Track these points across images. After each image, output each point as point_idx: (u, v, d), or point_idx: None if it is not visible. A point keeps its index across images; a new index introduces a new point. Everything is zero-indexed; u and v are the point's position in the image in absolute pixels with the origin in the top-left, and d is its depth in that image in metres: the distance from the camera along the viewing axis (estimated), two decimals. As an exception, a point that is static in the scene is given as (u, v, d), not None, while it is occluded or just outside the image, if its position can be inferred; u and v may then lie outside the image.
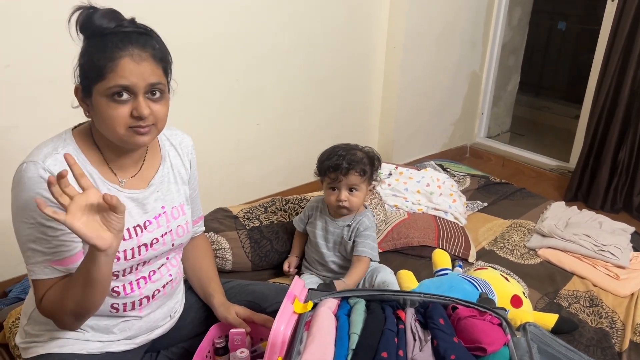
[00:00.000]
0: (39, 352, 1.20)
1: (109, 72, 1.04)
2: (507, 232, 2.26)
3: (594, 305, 1.80)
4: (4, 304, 2.03)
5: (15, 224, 1.08)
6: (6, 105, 2.00)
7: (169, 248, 1.27)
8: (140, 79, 1.05)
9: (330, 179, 1.66)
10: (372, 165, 1.68)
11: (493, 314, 1.15)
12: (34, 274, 1.08)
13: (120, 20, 1.07)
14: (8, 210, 2.11)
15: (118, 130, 1.07)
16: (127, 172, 1.20)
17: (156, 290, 1.27)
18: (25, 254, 1.09)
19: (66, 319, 1.09)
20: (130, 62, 1.04)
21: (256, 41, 2.67)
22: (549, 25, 5.05)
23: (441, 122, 3.83)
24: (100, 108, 1.06)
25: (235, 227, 1.90)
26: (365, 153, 1.69)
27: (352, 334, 1.09)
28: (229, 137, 2.77)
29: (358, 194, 1.66)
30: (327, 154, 1.70)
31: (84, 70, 1.08)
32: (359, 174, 1.63)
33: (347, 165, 1.62)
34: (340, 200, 1.65)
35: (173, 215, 1.27)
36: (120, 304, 1.21)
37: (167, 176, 1.28)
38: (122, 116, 1.06)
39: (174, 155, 1.31)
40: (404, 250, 2.02)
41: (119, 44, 1.05)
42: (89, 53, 1.07)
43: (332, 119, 3.23)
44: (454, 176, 2.74)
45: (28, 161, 1.07)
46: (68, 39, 2.02)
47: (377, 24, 3.23)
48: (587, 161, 3.21)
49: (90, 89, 1.07)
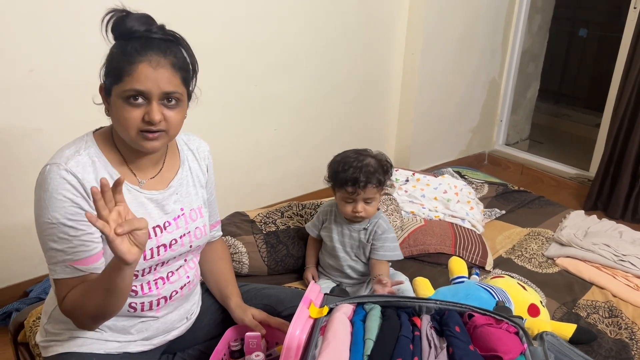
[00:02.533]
0: (59, 350, 1.22)
1: (126, 75, 1.06)
2: (525, 240, 2.23)
3: (613, 315, 1.77)
4: (25, 304, 2.07)
5: (37, 225, 1.11)
6: (30, 109, 2.04)
7: (187, 249, 1.29)
8: (155, 86, 1.07)
9: (347, 193, 1.63)
10: (386, 173, 1.66)
11: (510, 323, 1.14)
12: (55, 274, 1.11)
13: (150, 25, 1.10)
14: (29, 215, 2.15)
15: (130, 132, 1.09)
16: (147, 174, 1.22)
17: (174, 291, 1.28)
18: (47, 253, 1.11)
19: (85, 320, 1.12)
20: (147, 67, 1.06)
21: (274, 47, 2.69)
22: (569, 32, 5.00)
23: (459, 129, 3.81)
24: (116, 109, 1.09)
25: (252, 231, 1.91)
26: (378, 161, 1.66)
27: (367, 340, 1.09)
28: (247, 141, 2.79)
29: (374, 203, 1.66)
30: (340, 164, 1.65)
31: (107, 70, 1.12)
32: (375, 186, 1.62)
33: (364, 179, 1.59)
34: (356, 212, 1.64)
35: (191, 217, 1.29)
36: (138, 304, 1.23)
37: (185, 179, 1.30)
38: (134, 119, 1.08)
39: (192, 159, 1.34)
40: (420, 257, 2.01)
41: (139, 49, 1.07)
42: (113, 54, 1.11)
43: (349, 125, 3.23)
44: (472, 183, 2.72)
45: (51, 163, 1.10)
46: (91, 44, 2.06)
47: (396, 30, 3.23)
48: (608, 170, 3.17)
49: (110, 89, 1.10)
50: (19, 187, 2.07)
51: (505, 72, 3.92)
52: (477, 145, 4.02)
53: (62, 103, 2.10)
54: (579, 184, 3.53)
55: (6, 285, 2.20)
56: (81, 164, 1.11)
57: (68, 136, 1.17)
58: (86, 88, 2.10)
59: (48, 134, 2.08)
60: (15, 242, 2.14)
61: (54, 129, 2.08)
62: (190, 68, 1.16)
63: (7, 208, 2.10)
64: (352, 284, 1.75)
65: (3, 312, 2.11)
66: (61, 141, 1.22)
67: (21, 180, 2.05)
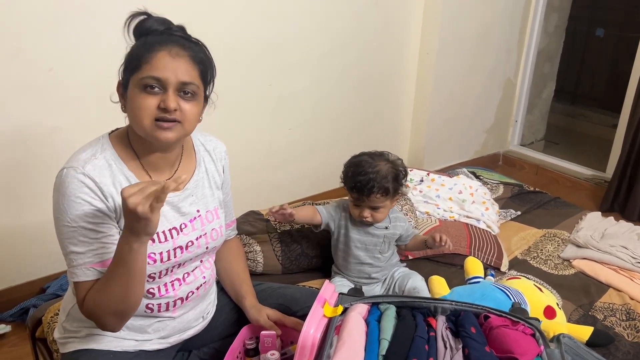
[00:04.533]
0: (76, 347, 1.24)
1: (144, 62, 1.08)
2: (541, 241, 2.22)
3: (630, 318, 1.75)
4: (42, 300, 2.10)
5: (57, 228, 1.11)
6: (50, 108, 2.07)
7: (203, 251, 1.29)
8: (173, 75, 1.08)
9: (353, 198, 1.63)
10: (396, 181, 1.60)
11: (526, 324, 1.13)
12: (75, 277, 1.10)
13: (170, 25, 1.13)
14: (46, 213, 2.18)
15: (144, 121, 1.09)
16: (163, 175, 1.22)
17: (190, 292, 1.29)
18: (67, 257, 1.11)
19: (108, 319, 1.11)
20: (166, 55, 1.08)
21: (289, 46, 2.70)
22: (586, 32, 4.95)
23: (474, 129, 3.79)
24: (132, 98, 1.09)
25: (266, 230, 1.92)
26: (391, 167, 1.60)
27: (382, 340, 1.09)
28: (261, 141, 2.80)
29: (382, 210, 1.62)
30: (352, 168, 1.62)
31: (125, 64, 1.13)
32: (381, 194, 1.57)
33: (369, 188, 1.55)
34: (362, 217, 1.62)
35: (207, 218, 1.30)
36: (155, 305, 1.24)
37: (201, 181, 1.30)
38: (149, 107, 1.08)
39: (209, 160, 1.34)
40: (435, 257, 2.00)
41: (160, 40, 1.10)
42: (132, 48, 1.12)
43: (363, 124, 3.23)
44: (487, 184, 2.70)
45: (68, 167, 1.10)
46: (108, 44, 2.08)
47: (410, 30, 3.23)
48: (625, 171, 3.13)
49: (128, 82, 1.11)
50: (37, 184, 2.10)
51: (521, 72, 3.89)
52: (492, 145, 4.00)
53: (81, 102, 2.12)
54: (595, 185, 3.50)
55: (24, 281, 2.23)
56: (98, 167, 1.11)
57: (86, 134, 1.19)
58: (104, 87, 2.13)
59: (67, 132, 2.11)
60: (33, 239, 2.17)
61: (72, 128, 2.11)
62: (207, 64, 1.17)
63: (25, 205, 2.13)
64: (369, 282, 1.75)
65: (21, 308, 2.14)
66: (79, 139, 1.24)
67: (40, 178, 2.08)
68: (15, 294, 2.20)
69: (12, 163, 2.07)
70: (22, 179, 2.10)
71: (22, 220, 2.14)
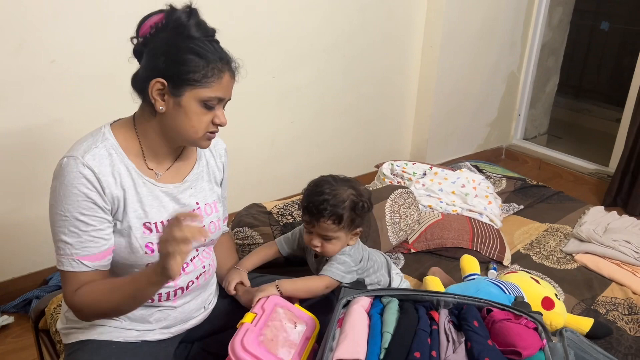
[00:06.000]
0: (79, 337, 1.25)
1: (215, 82, 1.12)
2: (544, 236, 2.21)
3: (633, 313, 1.75)
4: (45, 292, 2.10)
5: (50, 215, 1.13)
6: (51, 99, 2.07)
7: (200, 243, 1.30)
8: (228, 94, 1.18)
9: (304, 221, 1.41)
10: (354, 211, 1.37)
11: (529, 318, 1.13)
12: (62, 265, 1.13)
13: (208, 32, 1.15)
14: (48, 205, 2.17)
15: (198, 133, 1.16)
16: (163, 165, 1.23)
17: (190, 281, 1.30)
18: (56, 244, 1.13)
19: (91, 317, 1.17)
20: (230, 77, 1.16)
21: (293, 39, 2.69)
22: (591, 26, 4.91)
23: (477, 123, 3.78)
24: (190, 110, 1.13)
25: (269, 222, 1.91)
26: (354, 194, 1.38)
27: (384, 333, 1.09)
28: (264, 133, 2.80)
29: (335, 242, 1.39)
30: (312, 186, 1.41)
31: (180, 70, 1.10)
32: (332, 221, 1.35)
33: (320, 209, 1.34)
34: (311, 245, 1.41)
35: (206, 211, 1.31)
36: (156, 294, 1.24)
37: (201, 174, 1.31)
38: (207, 122, 1.16)
39: (209, 155, 1.36)
40: (437, 251, 2.00)
41: (223, 58, 1.14)
42: (187, 54, 1.10)
43: (366, 118, 3.22)
44: (490, 178, 2.70)
45: (68, 156, 1.11)
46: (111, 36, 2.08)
47: (414, 23, 3.21)
48: (628, 165, 3.12)
49: (183, 90, 1.11)
50: (39, 176, 2.09)
51: (525, 65, 3.87)
52: (495, 139, 3.99)
53: (82, 94, 2.12)
54: (598, 180, 3.49)
55: (27, 273, 2.24)
56: (98, 156, 1.12)
57: (88, 126, 1.19)
58: (106, 80, 2.14)
59: (68, 124, 2.11)
60: (36, 230, 2.17)
61: (73, 119, 2.11)
62: None
63: (28, 197, 2.13)
64: None
65: (23, 300, 2.15)
66: (81, 131, 1.24)
67: (42, 169, 2.07)
68: (18, 286, 2.21)
69: (14, 154, 2.07)
70: (24, 171, 2.10)
71: (24, 212, 2.15)
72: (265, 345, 1.12)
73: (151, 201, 1.19)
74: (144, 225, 1.18)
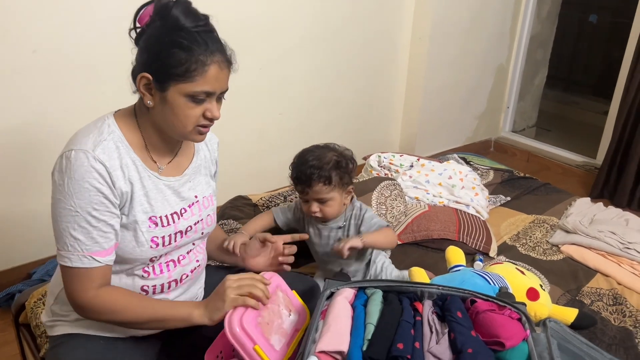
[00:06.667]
0: (66, 331, 1.23)
1: (198, 76, 1.08)
2: (530, 227, 2.22)
3: (617, 303, 1.76)
4: (28, 286, 2.08)
5: (56, 210, 1.09)
6: (33, 91, 2.03)
7: (198, 236, 1.31)
8: (219, 86, 1.12)
9: (297, 191, 1.53)
10: (339, 169, 1.49)
11: (512, 309, 1.13)
12: (70, 262, 1.09)
13: (199, 19, 1.09)
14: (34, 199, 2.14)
15: (187, 128, 1.12)
16: (164, 159, 1.23)
17: (184, 274, 1.30)
18: (63, 240, 1.09)
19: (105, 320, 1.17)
20: (217, 69, 1.10)
21: (281, 30, 2.67)
22: (579, 18, 4.93)
23: (466, 116, 3.78)
24: (176, 105, 1.09)
25: (254, 215, 1.90)
26: (335, 154, 1.51)
27: (368, 324, 1.09)
28: (252, 125, 2.78)
29: (331, 203, 1.50)
30: (297, 158, 1.54)
31: (163, 64, 1.07)
32: (323, 183, 1.46)
33: (308, 175, 1.46)
34: (310, 212, 1.52)
35: (204, 204, 1.31)
36: (150, 286, 1.24)
37: (199, 168, 1.31)
38: (196, 116, 1.11)
39: (205, 149, 1.36)
40: (423, 242, 2.00)
41: (209, 48, 1.08)
42: (170, 48, 1.07)
43: (355, 110, 3.21)
44: (477, 169, 2.70)
45: (77, 149, 1.07)
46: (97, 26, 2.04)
47: (403, 15, 3.20)
48: (615, 158, 3.14)
49: (167, 84, 1.08)
50: (22, 170, 2.07)
51: (513, 58, 3.87)
52: (484, 132, 3.99)
53: (66, 85, 2.09)
54: (585, 172, 3.50)
55: (10, 267, 2.21)
56: (107, 150, 1.10)
57: (71, 119, 1.17)
58: (91, 70, 2.11)
59: (51, 116, 2.07)
60: (20, 224, 2.14)
61: (57, 111, 2.08)
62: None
63: (11, 191, 2.10)
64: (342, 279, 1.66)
65: (6, 294, 2.13)
66: (64, 124, 1.22)
67: (23, 163, 2.05)
68: (1, 280, 2.18)
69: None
70: (4, 165, 2.06)
71: (8, 206, 2.12)
72: (262, 327, 1.12)
73: (156, 195, 1.19)
74: (150, 219, 1.17)
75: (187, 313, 1.13)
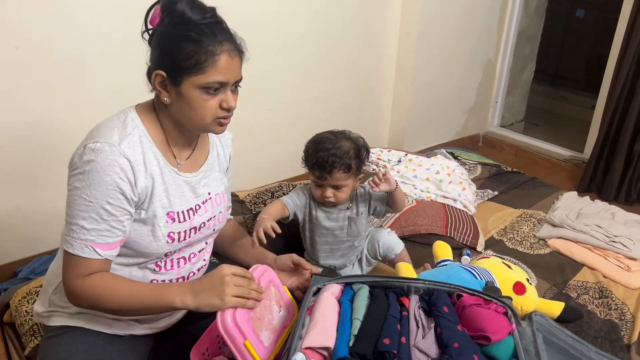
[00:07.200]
0: (65, 322, 1.23)
1: (209, 67, 1.08)
2: (517, 221, 2.23)
3: (603, 296, 1.77)
4: (13, 284, 2.05)
5: (72, 197, 1.09)
6: (16, 87, 2.00)
7: (210, 233, 1.33)
8: (233, 76, 1.12)
9: (315, 177, 1.57)
10: (359, 158, 1.57)
11: (498, 303, 1.14)
12: (71, 248, 1.10)
13: (206, 12, 1.10)
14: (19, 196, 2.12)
15: (206, 120, 1.13)
16: (183, 154, 1.24)
17: (192, 272, 1.32)
18: (71, 226, 1.10)
19: (91, 307, 1.16)
20: (228, 58, 1.10)
21: (268, 25, 2.65)
22: (567, 13, 4.95)
23: (454, 111, 3.78)
24: (192, 98, 1.10)
25: (241, 211, 1.90)
26: (353, 144, 1.56)
27: (354, 320, 1.09)
28: (239, 121, 2.74)
29: (345, 189, 1.57)
30: (312, 145, 1.59)
31: (174, 59, 1.08)
32: (343, 171, 1.53)
33: (330, 164, 1.51)
34: (325, 197, 1.57)
35: (216, 201, 1.33)
36: (159, 281, 1.25)
37: (213, 164, 1.33)
38: (213, 107, 1.12)
39: (219, 145, 1.38)
40: (411, 237, 2.00)
41: (217, 38, 1.09)
42: (179, 42, 1.08)
43: (343, 106, 3.20)
44: (465, 164, 2.71)
45: (102, 141, 1.08)
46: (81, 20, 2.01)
47: (391, 10, 3.19)
48: (602, 152, 3.16)
49: (181, 79, 1.09)
50: (6, 167, 2.04)
51: (501, 53, 3.88)
52: (472, 127, 4.00)
53: (50, 81, 2.06)
54: (573, 166, 3.53)
55: (-4, 265, 2.19)
56: (132, 144, 1.11)
57: (55, 115, 1.16)
58: (75, 66, 2.08)
59: (35, 113, 2.04)
60: (6, 223, 2.12)
61: (41, 108, 2.05)
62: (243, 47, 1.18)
63: (-5, 188, 2.08)
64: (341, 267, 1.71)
65: (-8, 293, 2.10)
66: (48, 120, 1.20)
67: (7, 162, 2.02)
68: (-13, 278, 2.16)
69: (-21, 144, 2.01)
70: (-10, 161, 2.04)
71: (-9, 203, 2.09)
72: (253, 323, 1.12)
73: (175, 190, 1.20)
74: (168, 214, 1.19)
75: (169, 300, 1.10)
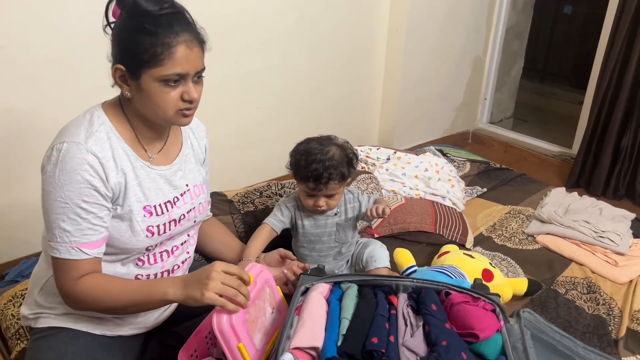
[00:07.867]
0: (52, 324, 1.22)
1: (166, 59, 1.06)
2: (506, 218, 2.24)
3: (591, 292, 1.78)
4: (0, 287, 2.03)
5: (47, 202, 1.09)
6: (1, 86, 1.98)
7: (191, 224, 1.33)
8: (192, 66, 1.10)
9: (308, 188, 1.51)
10: (351, 165, 1.54)
11: (486, 300, 1.14)
12: (59, 253, 1.09)
13: (163, 2, 1.07)
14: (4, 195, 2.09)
15: (168, 113, 1.12)
16: (154, 148, 1.23)
17: (176, 265, 1.32)
18: (53, 232, 1.09)
19: (89, 309, 1.15)
20: (185, 49, 1.07)
21: (255, 24, 2.64)
22: (554, 9, 4.97)
23: (443, 108, 3.79)
24: (152, 92, 1.09)
25: (229, 211, 1.89)
26: (342, 152, 1.53)
27: (343, 319, 1.09)
28: (228, 120, 2.75)
29: (337, 196, 1.54)
30: (303, 157, 1.51)
31: (132, 53, 1.07)
32: (338, 181, 1.49)
33: (326, 176, 1.46)
34: (318, 206, 1.53)
35: (195, 193, 1.33)
36: (144, 275, 1.25)
37: (188, 156, 1.32)
38: (173, 100, 1.10)
39: (193, 137, 1.36)
40: (400, 235, 2.01)
41: (173, 29, 1.06)
42: (136, 35, 1.06)
43: (332, 104, 3.20)
44: (454, 161, 2.71)
45: (69, 141, 1.07)
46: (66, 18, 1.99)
47: (379, 7, 3.18)
48: (590, 147, 3.18)
49: (139, 72, 1.08)
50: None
51: (490, 49, 3.89)
52: (461, 123, 4.01)
53: (36, 80, 2.03)
54: (562, 162, 3.54)
55: (-18, 268, 2.17)
56: (99, 141, 1.11)
57: (42, 115, 1.14)
58: (60, 65, 2.06)
59: (21, 113, 2.02)
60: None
61: (27, 108, 2.02)
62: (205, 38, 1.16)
63: (-20, 189, 2.05)
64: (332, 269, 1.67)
65: (-21, 296, 2.08)
66: (33, 119, 1.19)
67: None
68: (-27, 281, 2.13)
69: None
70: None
71: (-23, 205, 2.07)
72: (248, 325, 1.12)
73: (149, 184, 1.20)
74: (144, 208, 1.18)
75: (162, 293, 1.10)
